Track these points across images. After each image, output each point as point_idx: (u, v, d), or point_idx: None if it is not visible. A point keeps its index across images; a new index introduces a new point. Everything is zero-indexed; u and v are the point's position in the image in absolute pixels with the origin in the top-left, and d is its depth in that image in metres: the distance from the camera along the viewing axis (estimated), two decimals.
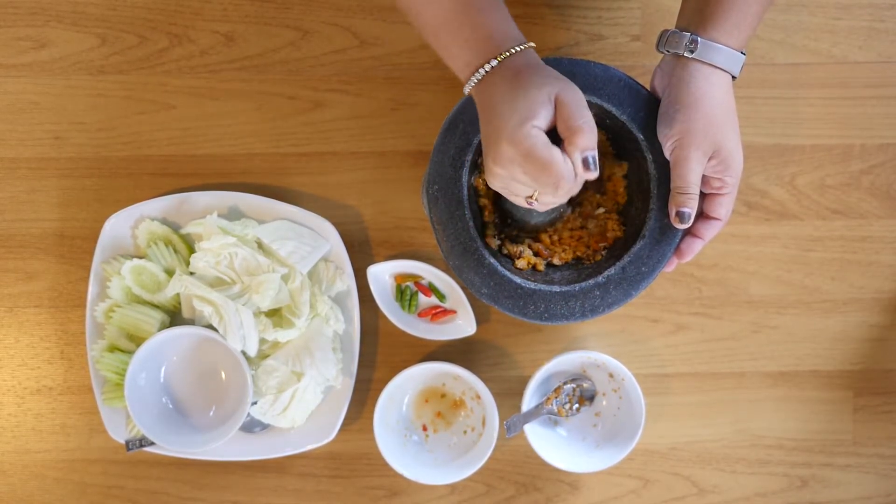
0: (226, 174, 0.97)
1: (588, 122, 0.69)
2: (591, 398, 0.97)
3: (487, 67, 0.72)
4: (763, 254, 0.98)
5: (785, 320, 0.98)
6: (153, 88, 0.97)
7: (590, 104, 0.83)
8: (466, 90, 0.74)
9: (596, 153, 0.69)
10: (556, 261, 0.88)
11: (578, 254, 0.88)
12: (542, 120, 0.69)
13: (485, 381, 0.93)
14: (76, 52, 0.97)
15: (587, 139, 0.69)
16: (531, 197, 0.72)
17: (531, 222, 0.87)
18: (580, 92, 0.71)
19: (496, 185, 0.73)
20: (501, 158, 0.70)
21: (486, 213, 0.87)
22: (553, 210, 0.86)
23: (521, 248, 0.87)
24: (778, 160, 0.97)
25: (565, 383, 0.95)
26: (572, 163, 0.69)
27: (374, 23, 0.97)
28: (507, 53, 0.71)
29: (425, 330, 0.95)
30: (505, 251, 0.88)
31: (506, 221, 0.88)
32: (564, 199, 0.72)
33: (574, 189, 0.71)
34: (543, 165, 0.68)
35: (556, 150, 0.69)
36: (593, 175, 0.70)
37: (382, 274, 0.95)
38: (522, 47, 0.72)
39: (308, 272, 0.94)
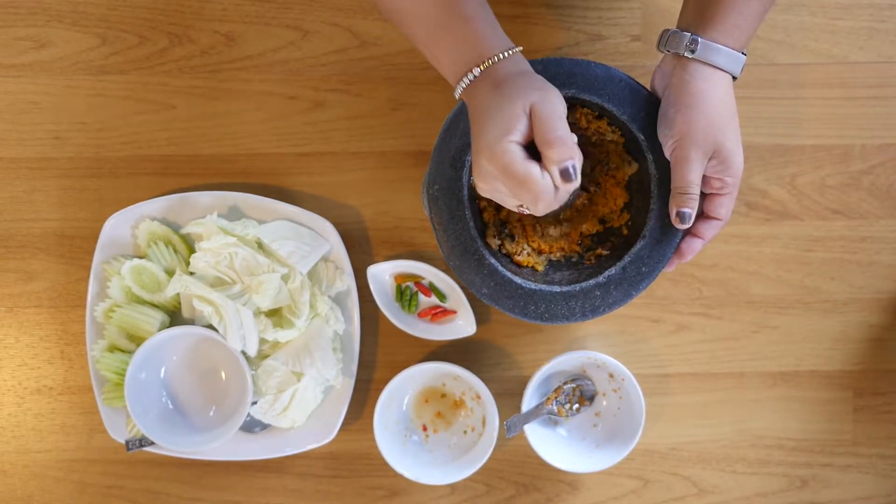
0: (226, 174, 0.97)
1: (562, 132, 0.68)
2: (591, 398, 0.97)
3: (471, 76, 0.72)
4: (763, 254, 0.98)
5: (785, 320, 0.98)
6: (153, 88, 0.97)
7: (591, 104, 0.84)
8: (456, 95, 0.74)
9: (574, 162, 0.68)
10: (555, 255, 0.88)
11: (577, 248, 0.88)
12: (518, 134, 0.68)
13: (485, 381, 0.93)
14: (76, 52, 0.97)
15: (562, 151, 0.67)
16: (521, 206, 0.72)
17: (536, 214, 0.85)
18: (558, 100, 0.69)
19: (485, 195, 0.73)
20: (482, 173, 0.70)
21: (486, 213, 0.87)
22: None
23: (519, 247, 0.87)
24: (778, 160, 0.97)
25: (565, 383, 0.96)
26: (551, 176, 0.68)
27: (374, 23, 0.97)
28: (491, 61, 0.71)
29: (425, 330, 0.95)
30: (505, 251, 0.88)
31: (507, 219, 0.88)
32: (552, 209, 0.71)
33: (559, 200, 0.70)
34: (521, 181, 0.68)
35: (533, 165, 0.68)
36: (574, 185, 0.68)
37: (382, 274, 0.95)
38: (507, 53, 0.72)
39: (308, 272, 0.94)
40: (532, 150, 0.69)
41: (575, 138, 0.69)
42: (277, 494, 0.98)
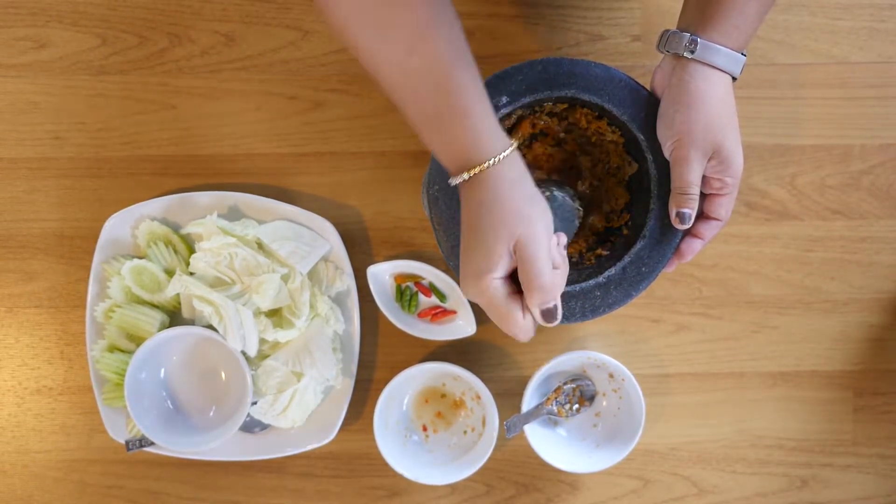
0: (226, 174, 0.97)
1: (544, 279, 0.71)
2: (591, 398, 0.97)
3: (465, 176, 0.72)
4: (763, 254, 0.98)
5: (785, 320, 0.98)
6: (153, 88, 0.97)
7: (591, 104, 0.84)
8: (450, 184, 0.74)
9: (555, 302, 0.72)
10: None
11: (583, 246, 0.88)
12: (501, 270, 0.71)
13: (485, 381, 0.93)
14: (76, 52, 0.97)
15: (542, 296, 0.71)
16: None
17: None
18: (544, 229, 0.71)
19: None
20: (471, 294, 0.74)
21: None
22: None
23: None
24: (778, 160, 0.97)
25: (565, 383, 0.96)
26: (532, 315, 0.73)
27: None
28: (483, 167, 0.71)
29: (425, 330, 0.95)
30: None
31: None
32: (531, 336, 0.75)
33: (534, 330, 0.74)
34: (502, 317, 0.73)
35: (514, 306, 0.72)
36: (553, 324, 0.72)
37: (382, 274, 0.95)
38: (500, 157, 0.71)
39: (308, 272, 0.94)
40: (516, 277, 0.72)
41: (562, 274, 0.73)
42: (277, 494, 0.98)
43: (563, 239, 0.74)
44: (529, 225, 0.71)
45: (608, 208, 0.89)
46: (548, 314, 0.72)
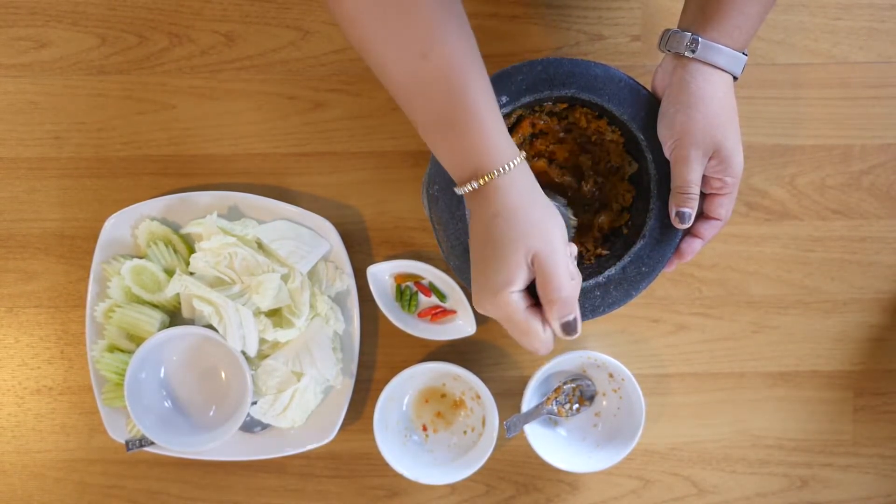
0: (226, 174, 0.97)
1: (565, 293, 0.69)
2: (591, 398, 0.97)
3: (475, 185, 0.70)
4: (763, 254, 0.98)
5: (785, 320, 0.98)
6: (153, 88, 0.97)
7: (591, 104, 0.84)
8: (457, 193, 0.73)
9: (575, 314, 0.70)
10: None
11: (590, 245, 0.88)
12: (520, 283, 0.69)
13: (485, 381, 0.93)
14: (76, 52, 0.97)
15: (563, 309, 0.69)
16: None
17: None
18: (560, 240, 0.70)
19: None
20: (486, 309, 0.72)
21: None
22: None
23: None
24: (778, 160, 0.97)
25: (565, 383, 0.96)
26: (552, 328, 0.71)
27: None
28: (492, 175, 0.69)
29: (425, 330, 0.95)
30: None
31: None
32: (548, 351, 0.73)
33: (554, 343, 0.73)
34: (523, 332, 0.71)
35: (534, 320, 0.70)
36: (573, 337, 0.71)
37: (382, 274, 0.95)
38: (511, 165, 0.69)
39: (308, 272, 0.94)
40: (533, 290, 0.71)
41: (577, 285, 0.70)
42: (277, 494, 0.98)
43: (574, 249, 0.73)
44: (547, 237, 0.69)
45: (618, 207, 0.89)
46: (568, 327, 0.70)
